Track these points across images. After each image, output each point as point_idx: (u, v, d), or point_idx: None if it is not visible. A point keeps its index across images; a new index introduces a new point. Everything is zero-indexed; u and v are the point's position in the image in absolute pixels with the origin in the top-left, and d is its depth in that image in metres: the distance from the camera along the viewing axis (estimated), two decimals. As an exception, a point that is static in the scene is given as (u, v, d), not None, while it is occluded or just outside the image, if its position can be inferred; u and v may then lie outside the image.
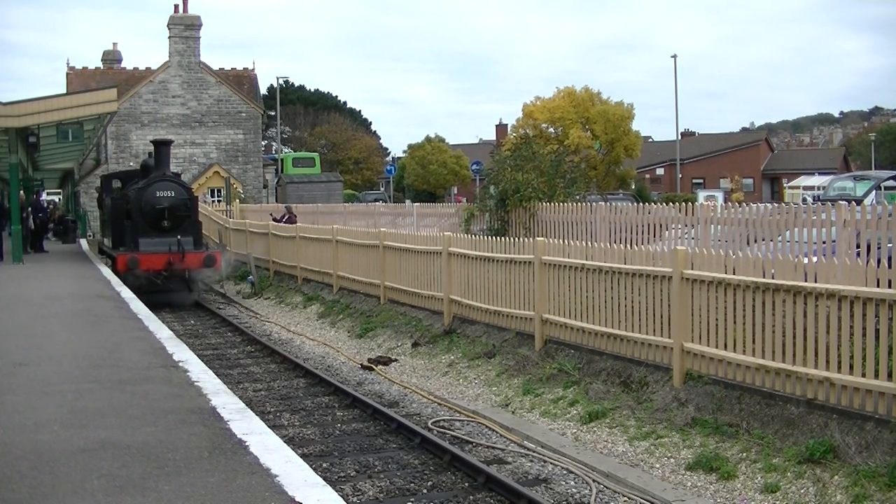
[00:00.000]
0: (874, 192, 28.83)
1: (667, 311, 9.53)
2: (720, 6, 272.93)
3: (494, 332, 12.85)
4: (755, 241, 12.18)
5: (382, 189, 64.56)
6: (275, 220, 25.29)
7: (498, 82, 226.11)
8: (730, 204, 20.35)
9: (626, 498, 7.68)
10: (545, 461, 8.70)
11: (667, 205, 17.13)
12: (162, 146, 21.81)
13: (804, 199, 35.55)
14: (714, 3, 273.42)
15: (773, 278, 8.37)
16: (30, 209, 26.98)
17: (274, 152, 56.36)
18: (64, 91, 38.60)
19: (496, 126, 75.94)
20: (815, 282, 7.95)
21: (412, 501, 7.56)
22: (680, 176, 52.86)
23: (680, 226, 13.80)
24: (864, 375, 7.38)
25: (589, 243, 11.21)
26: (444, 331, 14.01)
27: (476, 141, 76.79)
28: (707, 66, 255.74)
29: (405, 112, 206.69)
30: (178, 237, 19.97)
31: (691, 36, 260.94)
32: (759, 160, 69.66)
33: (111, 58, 47.20)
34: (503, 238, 13.41)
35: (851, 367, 7.50)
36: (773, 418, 8.07)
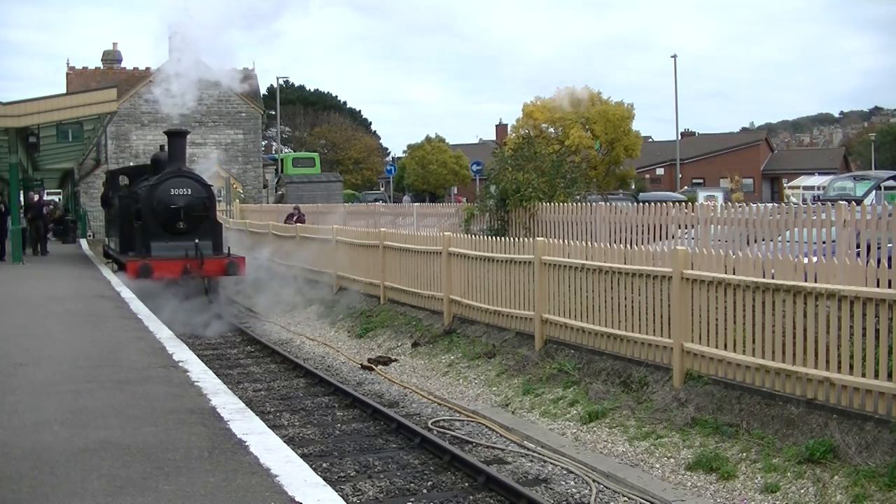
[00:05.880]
0: (874, 192, 28.84)
1: (667, 311, 9.53)
2: (724, 5, 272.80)
3: (494, 332, 12.86)
4: (755, 241, 12.18)
5: (382, 189, 64.56)
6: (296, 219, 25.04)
7: (499, 82, 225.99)
8: (729, 204, 20.34)
9: (626, 498, 7.68)
10: (545, 461, 8.70)
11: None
12: (177, 138, 19.24)
13: (803, 199, 35.56)
14: (718, 1, 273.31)
15: (773, 278, 8.37)
16: (43, 210, 26.79)
17: (274, 152, 56.38)
18: (64, 91, 38.64)
19: (496, 126, 75.94)
20: (815, 282, 7.95)
21: (412, 501, 7.56)
22: (680, 176, 52.83)
23: (679, 226, 13.80)
24: (864, 375, 7.38)
25: (589, 243, 11.21)
26: (444, 331, 14.01)
27: (476, 141, 76.74)
28: (710, 66, 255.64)
29: (405, 112, 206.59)
30: (196, 241, 17.63)
31: (695, 35, 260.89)
32: (759, 160, 69.62)
33: (111, 58, 47.28)
34: (503, 238, 13.41)
35: (851, 367, 7.50)
36: (773, 418, 8.07)
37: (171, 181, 18.21)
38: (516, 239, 13.08)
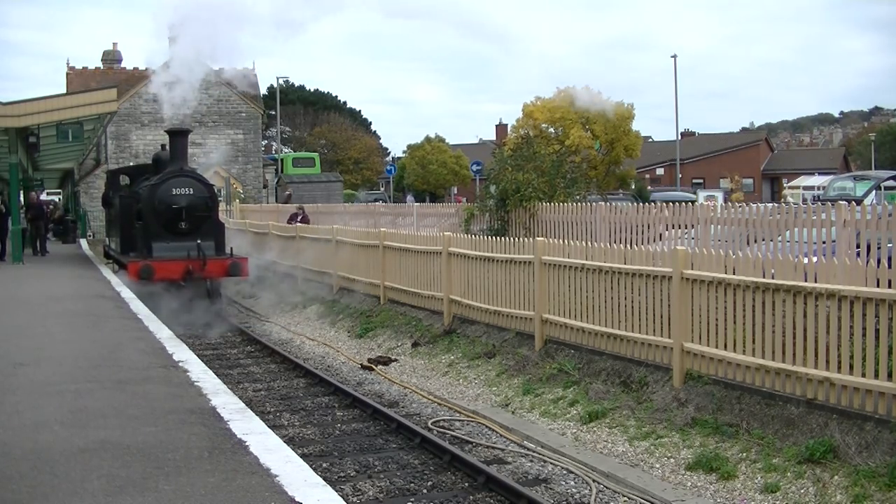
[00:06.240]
0: (874, 192, 28.86)
1: (667, 311, 9.53)
2: (725, 5, 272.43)
3: (494, 332, 12.86)
4: (755, 241, 12.19)
5: (382, 189, 64.57)
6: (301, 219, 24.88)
7: (499, 82, 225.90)
8: (729, 204, 20.37)
9: (626, 498, 7.68)
10: (545, 461, 8.70)
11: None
12: (178, 137, 18.90)
13: (803, 199, 35.56)
14: (719, 1, 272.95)
15: (773, 278, 8.38)
16: (44, 210, 26.76)
17: (274, 152, 56.38)
18: (64, 91, 38.64)
19: (496, 126, 75.98)
20: (815, 282, 7.95)
21: (412, 501, 7.56)
22: (680, 176, 52.85)
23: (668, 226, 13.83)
24: (864, 375, 7.38)
25: (589, 243, 11.21)
26: (444, 331, 14.01)
27: (476, 141, 76.77)
28: (710, 66, 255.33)
29: (405, 112, 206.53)
30: (198, 241, 17.42)
31: (695, 35, 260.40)
32: (759, 160, 69.67)
33: (111, 58, 47.26)
34: (503, 238, 13.41)
35: (851, 367, 7.51)
36: (773, 418, 8.07)
37: (172, 181, 17.97)
38: (516, 239, 13.08)
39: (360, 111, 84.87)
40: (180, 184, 17.97)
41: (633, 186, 47.31)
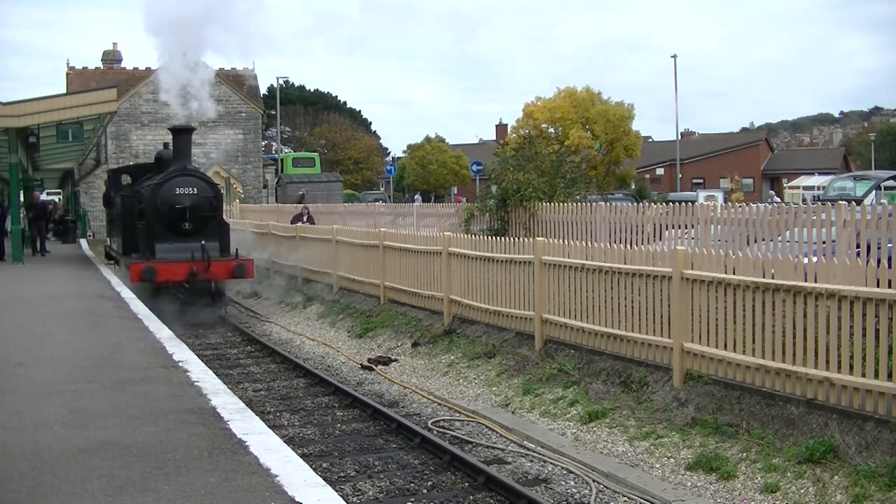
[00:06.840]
0: (874, 192, 28.87)
1: (667, 311, 9.53)
2: (724, 5, 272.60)
3: (494, 332, 12.86)
4: (755, 241, 12.20)
5: (382, 189, 64.58)
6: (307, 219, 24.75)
7: (499, 82, 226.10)
8: (729, 204, 20.36)
9: (626, 498, 7.68)
10: (545, 461, 8.70)
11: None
12: (182, 134, 18.47)
13: (803, 199, 35.56)
14: (718, 1, 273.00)
15: (773, 278, 8.38)
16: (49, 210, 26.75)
17: (274, 152, 56.38)
18: (64, 91, 38.63)
19: (496, 126, 76.04)
20: (815, 282, 7.95)
21: (412, 501, 7.56)
22: (680, 176, 52.85)
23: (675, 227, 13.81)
24: (864, 375, 7.38)
25: (589, 243, 11.21)
26: (444, 331, 14.01)
27: (476, 141, 76.84)
28: (710, 66, 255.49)
29: (405, 112, 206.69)
30: (202, 242, 17.08)
31: (695, 35, 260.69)
32: (759, 160, 69.70)
33: (111, 58, 47.27)
34: (503, 238, 13.41)
35: (851, 367, 7.51)
36: (773, 418, 8.07)
37: (175, 180, 17.65)
38: (516, 239, 13.08)
39: (359, 111, 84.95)
40: (184, 183, 17.65)
41: (633, 186, 47.34)
